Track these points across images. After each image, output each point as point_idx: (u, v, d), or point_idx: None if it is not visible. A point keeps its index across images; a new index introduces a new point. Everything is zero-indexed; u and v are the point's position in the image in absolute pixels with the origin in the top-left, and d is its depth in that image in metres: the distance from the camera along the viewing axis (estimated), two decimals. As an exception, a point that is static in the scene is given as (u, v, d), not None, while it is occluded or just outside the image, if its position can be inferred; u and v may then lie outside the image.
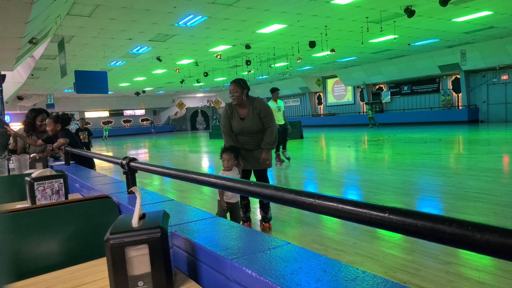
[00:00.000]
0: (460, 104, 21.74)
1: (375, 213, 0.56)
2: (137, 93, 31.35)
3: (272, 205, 4.85)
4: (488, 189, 5.06)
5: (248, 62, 18.28)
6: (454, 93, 22.04)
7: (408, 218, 0.50)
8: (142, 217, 0.94)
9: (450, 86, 22.17)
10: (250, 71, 21.69)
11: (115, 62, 17.42)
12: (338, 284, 0.69)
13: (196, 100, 41.99)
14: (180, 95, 39.70)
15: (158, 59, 16.60)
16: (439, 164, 7.86)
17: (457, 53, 19.27)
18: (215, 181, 1.02)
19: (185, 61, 18.47)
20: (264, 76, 25.81)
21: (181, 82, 24.49)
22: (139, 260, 0.85)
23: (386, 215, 0.54)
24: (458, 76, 21.33)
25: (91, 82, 11.67)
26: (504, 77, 19.65)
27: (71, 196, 2.20)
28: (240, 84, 3.67)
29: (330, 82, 29.90)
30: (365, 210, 0.58)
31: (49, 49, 12.72)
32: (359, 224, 0.64)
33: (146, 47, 14.76)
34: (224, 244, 0.95)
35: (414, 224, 0.49)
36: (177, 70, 20.31)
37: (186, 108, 39.92)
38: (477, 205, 4.35)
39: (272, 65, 20.22)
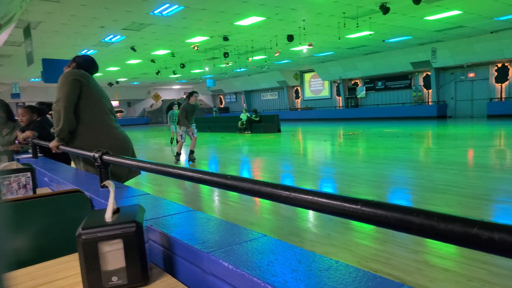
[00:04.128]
0: (430, 100, 22.45)
1: (348, 205, 0.58)
2: (110, 84, 30.52)
3: (249, 198, 4.87)
4: (455, 182, 5.28)
5: (226, 55, 18.14)
6: (425, 89, 22.73)
7: (379, 210, 0.52)
8: (116, 211, 0.93)
9: (421, 82, 22.85)
10: (228, 64, 21.54)
11: (86, 50, 16.83)
12: (312, 274, 0.71)
13: (172, 92, 41.34)
14: (156, 87, 38.96)
15: (133, 49, 16.19)
16: (410, 157, 8.11)
17: (428, 51, 19.85)
18: (192, 174, 1.02)
19: (161, 52, 18.10)
20: (242, 69, 25.70)
21: (157, 73, 24.02)
22: (113, 255, 0.84)
23: (359, 207, 0.55)
24: (429, 73, 22.00)
25: (60, 71, 11.22)
26: (471, 74, 20.43)
27: (40, 191, 2.13)
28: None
29: (307, 76, 30.14)
30: (338, 203, 0.60)
31: (14, 35, 12.12)
32: (333, 216, 0.66)
33: (119, 36, 14.34)
34: (201, 237, 0.95)
35: (384, 215, 0.51)
36: (153, 61, 19.90)
37: (162, 100, 39.24)
38: (444, 196, 4.54)
39: (250, 58, 20.16)
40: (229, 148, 12.30)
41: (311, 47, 17.53)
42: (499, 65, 19.36)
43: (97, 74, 2.78)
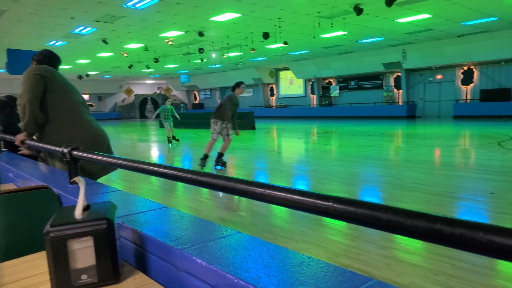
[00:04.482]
0: (400, 100, 23.16)
1: (321, 202, 0.59)
2: (80, 77, 29.54)
3: (223, 195, 4.86)
4: (423, 180, 5.48)
5: (201, 50, 17.95)
6: (395, 89, 23.42)
7: (349, 207, 0.53)
8: (86, 208, 0.90)
9: (392, 83, 23.52)
10: (203, 60, 21.33)
11: (54, 42, 16.17)
12: (285, 269, 0.72)
13: (145, 87, 40.49)
14: (128, 81, 38.04)
15: (104, 41, 15.71)
16: (381, 156, 8.35)
17: (399, 52, 20.46)
18: (165, 171, 1.01)
19: (134, 45, 17.67)
20: (217, 65, 25.52)
21: (129, 67, 23.45)
22: (83, 253, 0.82)
23: (330, 204, 0.57)
24: (400, 74, 22.68)
25: (26, 62, 10.72)
26: (439, 76, 21.25)
27: (4, 187, 2.04)
28: None
29: (282, 74, 30.34)
30: (311, 200, 0.61)
31: (-24, 23, 11.53)
32: (306, 213, 0.67)
33: (90, 28, 13.88)
34: (174, 234, 0.94)
35: (354, 212, 0.52)
36: (125, 54, 19.39)
37: (135, 95, 38.36)
38: (412, 194, 4.71)
39: (226, 55, 20.05)
40: (204, 144, 12.20)
41: (287, 45, 17.65)
42: (465, 68, 20.22)
43: (66, 67, 2.70)
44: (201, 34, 14.87)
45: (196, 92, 39.66)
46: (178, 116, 12.55)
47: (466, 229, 0.42)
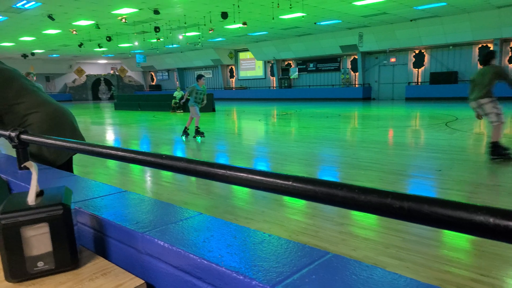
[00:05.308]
0: (357, 82, 23.89)
1: (281, 181, 0.61)
2: (25, 56, 27.46)
3: (183, 177, 4.82)
4: (376, 159, 5.77)
5: (157, 29, 17.28)
6: (352, 72, 24.09)
7: (308, 185, 0.56)
8: (39, 194, 0.87)
9: (349, 65, 24.15)
10: (159, 39, 20.57)
11: (-6, 17, 14.87)
12: (247, 247, 0.75)
13: (98, 67, 38.49)
14: (79, 61, 35.91)
15: (50, 17, 14.62)
16: (338, 137, 8.64)
17: (356, 35, 20.97)
18: (124, 154, 0.98)
19: (83, 22, 16.62)
20: (174, 45, 24.75)
21: (80, 45, 22.10)
22: (38, 240, 0.79)
23: (290, 183, 0.59)
24: (356, 57, 23.31)
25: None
26: (392, 59, 22.12)
27: None
28: None
29: (242, 55, 30.06)
30: (272, 179, 0.63)
31: None
32: (267, 193, 0.69)
33: (34, 2, 12.83)
34: (135, 218, 0.93)
35: (313, 190, 0.55)
36: (74, 32, 18.20)
37: (87, 76, 36.37)
38: (367, 173, 4.94)
39: (183, 34, 19.46)
40: (162, 127, 11.93)
41: (246, 26, 17.46)
42: (417, 51, 21.18)
43: (8, 44, 2.47)
44: (156, 12, 14.28)
45: (153, 73, 38.34)
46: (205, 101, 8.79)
47: (413, 202, 0.45)
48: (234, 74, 31.20)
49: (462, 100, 18.24)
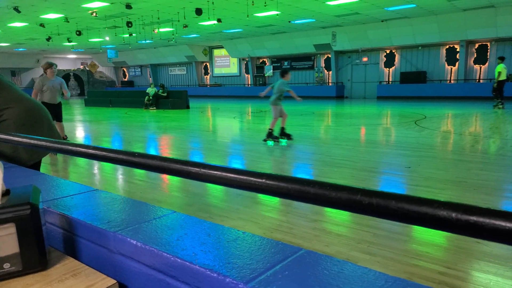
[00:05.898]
0: (330, 81, 24.28)
1: (254, 179, 0.62)
2: (-12, 49, 26.10)
3: (156, 175, 4.75)
4: (349, 156, 5.89)
5: (129, 24, 16.86)
6: (326, 70, 24.46)
7: (281, 183, 0.57)
8: (5, 193, 0.83)
9: (323, 64, 24.50)
10: (131, 34, 20.08)
11: (-46, 7, 14.03)
12: (220, 245, 0.75)
13: (67, 62, 37.13)
14: (47, 55, 34.47)
15: (16, 9, 13.96)
16: (312, 135, 8.76)
17: (329, 34, 21.28)
18: (94, 152, 0.96)
19: (52, 15, 15.98)
20: (147, 41, 24.24)
21: (48, 39, 21.24)
22: (4, 241, 0.76)
23: (264, 180, 0.60)
24: (330, 56, 23.68)
25: None
26: (365, 59, 22.63)
27: None
28: None
29: (217, 52, 29.85)
30: (245, 177, 0.64)
31: None
32: (242, 191, 0.70)
33: (-2, -7, 12.24)
34: (106, 217, 0.91)
35: (286, 187, 0.56)
36: (42, 25, 17.47)
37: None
38: (339, 170, 5.05)
39: (157, 30, 19.09)
40: (134, 124, 11.68)
41: (220, 23, 17.34)
42: (388, 51, 21.76)
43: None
44: (128, 6, 13.93)
45: (125, 69, 37.40)
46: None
47: (381, 198, 0.47)
48: (209, 71, 30.94)
49: (430, 99, 18.93)
